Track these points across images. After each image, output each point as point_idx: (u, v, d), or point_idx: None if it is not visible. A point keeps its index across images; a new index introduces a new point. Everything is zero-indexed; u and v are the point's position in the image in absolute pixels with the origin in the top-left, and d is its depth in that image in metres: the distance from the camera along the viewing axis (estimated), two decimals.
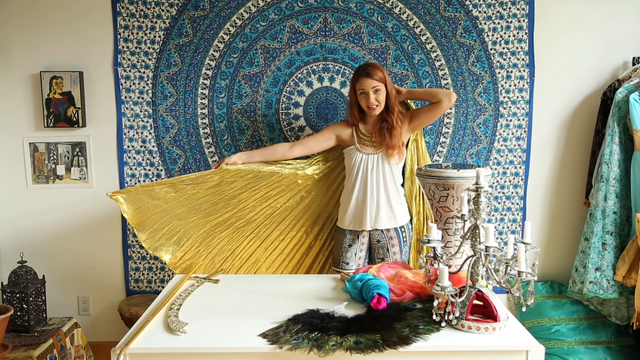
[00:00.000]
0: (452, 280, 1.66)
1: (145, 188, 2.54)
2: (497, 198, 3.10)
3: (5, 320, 2.30)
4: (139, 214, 2.53)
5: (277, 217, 2.72)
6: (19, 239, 3.09)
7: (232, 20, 2.95)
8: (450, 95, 2.53)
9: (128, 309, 2.84)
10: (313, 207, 2.75)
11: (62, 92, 2.94)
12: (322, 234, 2.79)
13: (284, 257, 2.77)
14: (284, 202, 2.71)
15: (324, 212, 2.78)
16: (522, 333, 1.63)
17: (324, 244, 2.81)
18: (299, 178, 2.68)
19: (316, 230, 2.78)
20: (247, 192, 2.64)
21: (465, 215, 1.68)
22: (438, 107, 2.54)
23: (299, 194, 2.72)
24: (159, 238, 2.58)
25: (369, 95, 2.49)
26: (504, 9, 2.94)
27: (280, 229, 2.74)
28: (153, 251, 2.58)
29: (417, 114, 2.62)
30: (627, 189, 2.78)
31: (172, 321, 1.68)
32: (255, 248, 2.73)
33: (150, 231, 2.56)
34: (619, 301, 2.90)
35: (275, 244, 2.75)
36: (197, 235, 2.64)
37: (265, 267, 2.75)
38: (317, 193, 2.74)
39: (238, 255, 2.72)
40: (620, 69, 3.00)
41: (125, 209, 2.50)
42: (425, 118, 2.61)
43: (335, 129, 2.68)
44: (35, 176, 3.05)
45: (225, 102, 3.02)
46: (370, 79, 2.48)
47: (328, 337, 1.54)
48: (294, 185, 2.69)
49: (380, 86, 2.49)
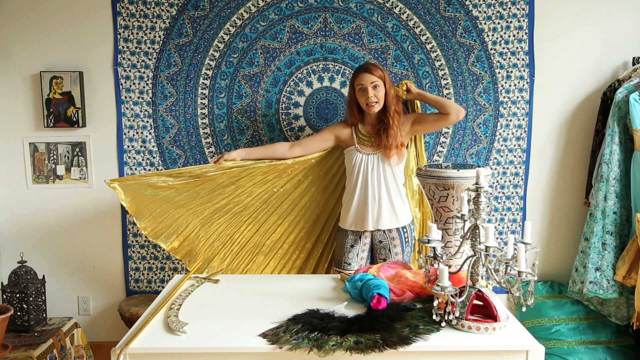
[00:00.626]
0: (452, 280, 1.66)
1: (143, 177, 2.56)
2: (497, 198, 3.10)
3: (5, 320, 2.30)
4: (137, 202, 2.54)
5: (274, 200, 2.74)
6: (19, 239, 3.09)
7: (232, 20, 2.96)
8: (460, 112, 2.54)
9: (128, 309, 2.84)
10: (312, 190, 2.77)
11: (62, 92, 2.94)
12: (321, 218, 2.80)
13: (283, 240, 2.78)
14: (281, 186, 2.72)
15: (323, 196, 2.79)
16: (522, 333, 1.62)
17: (323, 228, 2.82)
18: (296, 163, 2.70)
19: (316, 213, 2.79)
20: (245, 179, 2.66)
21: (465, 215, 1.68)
22: (445, 119, 2.55)
23: (296, 177, 2.73)
24: (157, 225, 2.59)
25: (368, 90, 2.48)
26: (504, 9, 2.94)
27: (279, 213, 2.75)
28: (153, 238, 2.59)
29: (423, 119, 2.62)
30: (627, 189, 2.78)
31: (172, 321, 1.68)
32: (254, 232, 2.74)
33: (150, 218, 2.57)
34: (619, 301, 2.90)
35: (274, 228, 2.76)
36: (196, 222, 2.66)
37: (264, 252, 2.76)
38: (314, 177, 2.76)
39: (237, 240, 2.73)
40: (620, 69, 3.00)
41: (123, 197, 2.51)
42: (428, 126, 2.63)
43: (334, 129, 2.68)
44: (35, 176, 3.05)
45: (225, 102, 3.02)
46: (369, 74, 2.48)
47: (328, 337, 1.54)
48: (291, 170, 2.71)
49: (379, 82, 2.49)
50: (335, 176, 2.78)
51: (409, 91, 2.64)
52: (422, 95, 2.65)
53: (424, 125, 2.63)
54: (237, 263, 2.74)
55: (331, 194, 2.80)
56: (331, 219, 2.82)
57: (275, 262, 2.78)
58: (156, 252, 3.11)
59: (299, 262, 2.81)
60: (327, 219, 2.82)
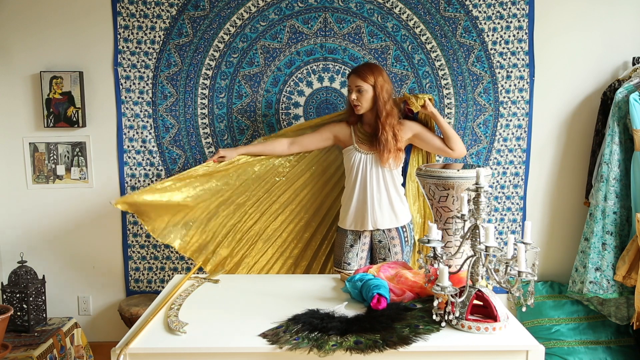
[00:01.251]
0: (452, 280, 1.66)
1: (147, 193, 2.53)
2: (497, 198, 3.10)
3: (5, 320, 2.30)
4: (142, 207, 2.53)
5: (276, 190, 2.77)
6: (19, 239, 3.09)
7: (232, 20, 2.96)
8: (463, 153, 2.59)
9: (128, 309, 2.84)
10: (313, 182, 2.79)
11: (62, 92, 2.94)
12: (322, 209, 2.82)
13: (283, 229, 2.79)
14: (283, 175, 2.75)
15: (325, 188, 2.81)
16: (522, 333, 1.62)
17: (323, 220, 2.83)
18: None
19: (316, 204, 2.81)
20: (247, 169, 2.70)
21: (465, 215, 1.68)
22: (447, 153, 2.59)
23: (298, 166, 2.76)
24: (165, 226, 2.59)
25: (352, 93, 2.50)
26: (504, 9, 2.94)
27: (280, 202, 2.78)
28: (162, 239, 2.60)
29: (427, 139, 2.61)
30: (627, 189, 2.78)
31: (172, 321, 1.68)
32: (256, 220, 2.76)
33: (157, 221, 2.57)
34: (619, 301, 2.90)
35: (275, 216, 2.78)
36: (202, 217, 2.68)
37: (263, 239, 2.77)
38: (317, 168, 2.78)
39: (239, 228, 2.75)
40: (620, 69, 3.00)
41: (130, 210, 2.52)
42: (428, 148, 2.66)
43: (333, 129, 2.68)
44: (35, 176, 3.05)
45: (225, 102, 3.02)
46: (356, 76, 2.49)
47: (328, 337, 1.54)
48: (291, 156, 2.74)
49: (364, 86, 2.48)
50: (339, 169, 2.79)
51: (425, 106, 2.58)
52: (435, 116, 2.59)
53: (424, 145, 2.65)
54: (237, 250, 2.75)
55: (334, 186, 2.81)
56: (332, 210, 2.83)
57: (273, 250, 2.79)
58: (156, 252, 3.11)
59: (296, 252, 2.82)
60: (327, 210, 2.83)
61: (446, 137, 2.57)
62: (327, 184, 2.81)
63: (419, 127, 2.63)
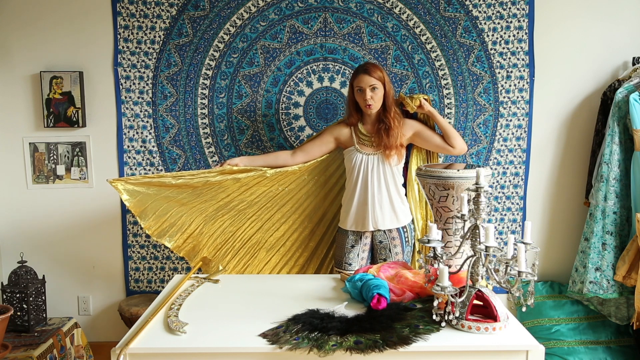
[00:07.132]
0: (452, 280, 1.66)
1: (146, 178, 2.52)
2: (497, 198, 3.10)
3: (5, 320, 2.30)
4: (140, 201, 2.52)
5: (279, 199, 2.73)
6: (19, 239, 3.09)
7: (232, 20, 2.96)
8: (463, 150, 2.59)
9: (128, 309, 2.84)
10: (317, 191, 2.76)
11: (62, 92, 2.94)
12: (326, 218, 2.80)
13: (286, 238, 2.77)
14: (286, 185, 2.72)
15: (329, 195, 2.79)
16: (522, 333, 1.62)
17: (328, 229, 2.81)
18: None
19: (320, 213, 2.79)
20: (249, 177, 2.66)
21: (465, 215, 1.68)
22: (448, 150, 2.59)
23: (301, 177, 2.73)
24: (162, 224, 2.57)
25: (365, 92, 2.48)
26: (504, 9, 2.94)
27: (283, 212, 2.75)
28: (157, 237, 2.57)
29: (427, 137, 2.61)
30: (627, 189, 2.78)
31: (172, 321, 1.68)
32: (257, 229, 2.74)
33: (153, 218, 2.55)
34: (619, 301, 2.90)
35: (277, 226, 2.76)
36: (200, 219, 2.65)
37: (266, 248, 2.75)
38: (320, 177, 2.76)
39: (239, 236, 2.73)
40: (620, 69, 3.00)
41: (125, 197, 2.49)
42: (428, 146, 2.65)
43: (333, 131, 2.67)
44: (35, 176, 3.05)
45: (225, 102, 3.02)
46: (368, 75, 2.48)
47: (328, 337, 1.54)
48: (295, 166, 2.70)
49: (377, 84, 2.48)
50: (342, 177, 2.77)
51: (421, 106, 2.59)
52: (433, 114, 2.60)
53: (425, 143, 2.64)
54: (238, 259, 2.74)
55: (337, 194, 2.79)
56: (337, 219, 2.81)
57: (277, 259, 2.78)
58: (156, 252, 3.11)
59: (302, 260, 2.81)
60: (332, 219, 2.81)
61: (445, 134, 2.58)
62: (330, 192, 2.79)
63: (419, 125, 2.64)
